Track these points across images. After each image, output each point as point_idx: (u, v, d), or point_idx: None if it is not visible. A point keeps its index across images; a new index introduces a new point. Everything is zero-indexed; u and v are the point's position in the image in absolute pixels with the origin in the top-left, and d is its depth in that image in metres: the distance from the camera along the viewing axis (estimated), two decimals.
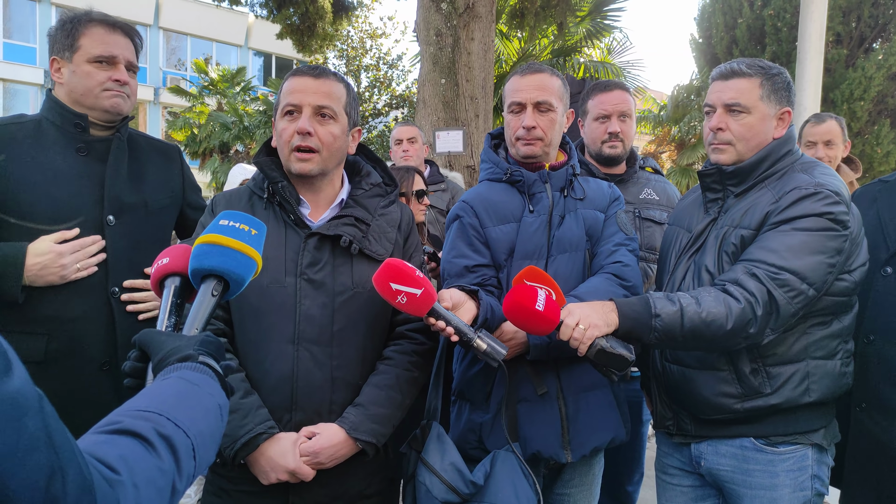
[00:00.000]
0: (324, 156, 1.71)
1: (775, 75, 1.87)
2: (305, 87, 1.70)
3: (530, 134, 2.01)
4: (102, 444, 0.74)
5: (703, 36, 15.46)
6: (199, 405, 0.92)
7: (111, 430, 0.78)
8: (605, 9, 11.39)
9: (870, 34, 13.38)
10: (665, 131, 18.19)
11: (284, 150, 1.72)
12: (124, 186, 2.01)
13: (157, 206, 2.11)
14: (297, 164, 1.70)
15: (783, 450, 1.81)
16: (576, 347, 1.66)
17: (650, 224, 2.68)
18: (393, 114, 19.18)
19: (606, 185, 2.20)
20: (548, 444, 1.94)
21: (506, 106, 2.09)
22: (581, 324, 1.63)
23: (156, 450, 0.78)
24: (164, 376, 0.96)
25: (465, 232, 2.04)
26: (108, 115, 2.00)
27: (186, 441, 0.84)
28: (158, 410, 0.84)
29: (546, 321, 1.65)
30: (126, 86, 2.01)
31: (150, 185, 2.10)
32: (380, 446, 1.71)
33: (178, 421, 0.84)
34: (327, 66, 15.76)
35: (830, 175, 1.81)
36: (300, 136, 1.68)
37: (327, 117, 1.71)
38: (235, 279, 1.19)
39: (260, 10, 9.72)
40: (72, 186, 1.93)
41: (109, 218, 1.96)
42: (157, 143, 2.26)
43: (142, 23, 25.66)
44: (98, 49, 1.96)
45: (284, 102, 1.71)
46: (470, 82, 6.15)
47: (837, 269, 1.73)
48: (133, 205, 2.02)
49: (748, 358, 1.79)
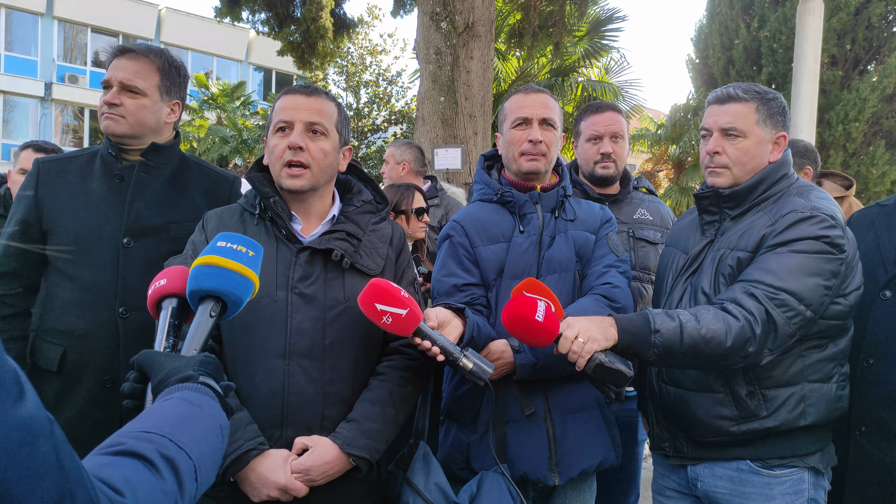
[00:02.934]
0: (315, 171, 1.73)
1: (771, 100, 1.90)
2: (297, 105, 1.73)
3: (536, 148, 2.03)
4: (107, 465, 0.75)
5: (700, 56, 15.61)
6: (200, 426, 0.92)
7: (115, 452, 0.78)
8: (602, 29, 11.50)
9: (864, 56, 13.53)
10: (662, 150, 18.31)
11: (276, 165, 1.73)
12: (146, 210, 2.07)
13: (182, 232, 2.08)
14: (289, 181, 1.71)
15: (780, 472, 1.81)
16: (574, 361, 1.65)
17: (644, 244, 2.69)
18: (392, 129, 19.27)
19: (598, 207, 2.21)
20: (535, 466, 1.93)
21: (508, 122, 2.11)
22: (580, 337, 1.63)
23: (159, 471, 0.78)
24: (165, 397, 0.96)
25: (455, 251, 2.05)
26: (115, 138, 2.09)
27: (189, 462, 0.84)
28: (161, 432, 0.84)
29: (545, 332, 1.64)
30: (116, 107, 2.04)
31: (180, 211, 2.13)
32: (373, 462, 1.69)
33: (181, 442, 0.85)
34: (327, 81, 15.79)
35: (826, 199, 1.83)
36: (291, 151, 1.70)
37: (318, 133, 1.73)
38: (233, 300, 1.20)
39: (262, 28, 9.80)
40: (99, 210, 2.04)
41: (126, 240, 2.04)
42: (211, 171, 2.30)
43: (143, 37, 25.79)
44: (105, 76, 2.08)
45: (276, 119, 1.74)
46: (469, 100, 6.20)
47: (833, 292, 1.75)
48: (154, 228, 2.08)
49: (744, 380, 1.79)
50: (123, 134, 2.08)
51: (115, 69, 2.06)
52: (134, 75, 2.07)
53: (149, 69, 2.10)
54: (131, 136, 2.09)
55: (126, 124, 2.07)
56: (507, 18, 10.31)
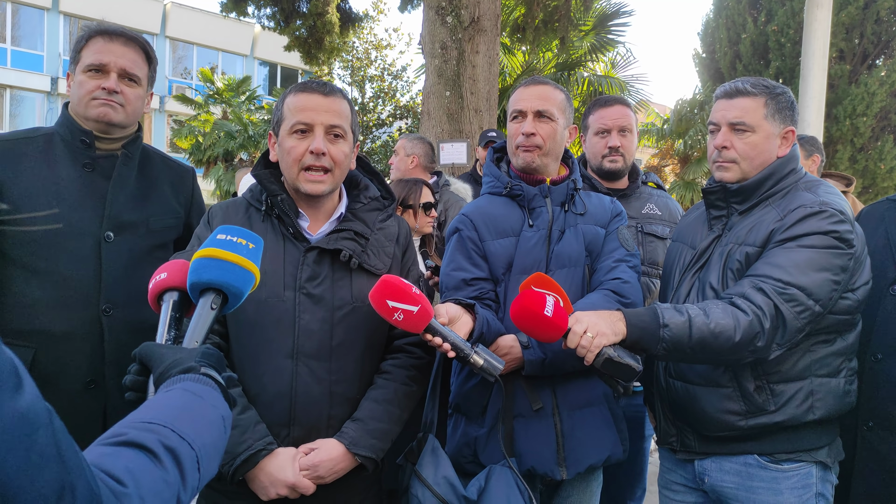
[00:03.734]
0: (336, 175, 1.71)
1: (779, 94, 1.89)
2: (317, 106, 1.68)
3: (529, 140, 2.02)
4: (108, 456, 0.75)
5: (707, 51, 15.53)
6: (203, 417, 0.92)
7: (117, 442, 0.78)
8: (609, 24, 11.46)
9: (873, 51, 13.44)
10: (668, 145, 18.25)
11: (293, 168, 1.68)
12: (127, 203, 1.98)
13: (160, 226, 2.06)
14: (310, 185, 1.67)
15: (787, 467, 1.81)
16: (583, 356, 1.65)
17: (653, 239, 2.68)
18: (397, 124, 19.26)
19: (608, 201, 2.20)
20: (542, 461, 1.93)
21: (508, 116, 2.10)
22: (589, 332, 1.63)
23: (161, 462, 0.78)
24: (167, 388, 0.96)
25: (464, 245, 2.03)
26: (99, 125, 1.95)
27: (191, 453, 0.84)
28: (163, 422, 0.84)
29: (554, 327, 1.64)
30: (116, 94, 1.94)
31: (155, 204, 2.06)
32: (379, 461, 1.70)
33: (183, 433, 0.85)
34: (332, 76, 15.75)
35: (835, 194, 1.82)
36: (313, 156, 1.65)
37: (338, 137, 1.70)
38: (234, 292, 1.20)
39: (268, 23, 9.80)
40: (74, 201, 1.90)
41: (108, 234, 1.93)
42: (173, 163, 2.23)
43: (149, 32, 25.84)
44: (91, 58, 1.93)
45: (294, 120, 1.67)
46: (474, 95, 6.19)
47: (842, 287, 1.74)
48: (134, 222, 1.99)
49: (752, 375, 1.79)
50: (119, 123, 1.97)
51: (112, 53, 1.94)
52: (133, 64, 1.98)
53: (142, 58, 2.01)
54: (122, 126, 1.99)
55: (124, 113, 1.97)
56: (513, 13, 10.28)
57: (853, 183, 3.43)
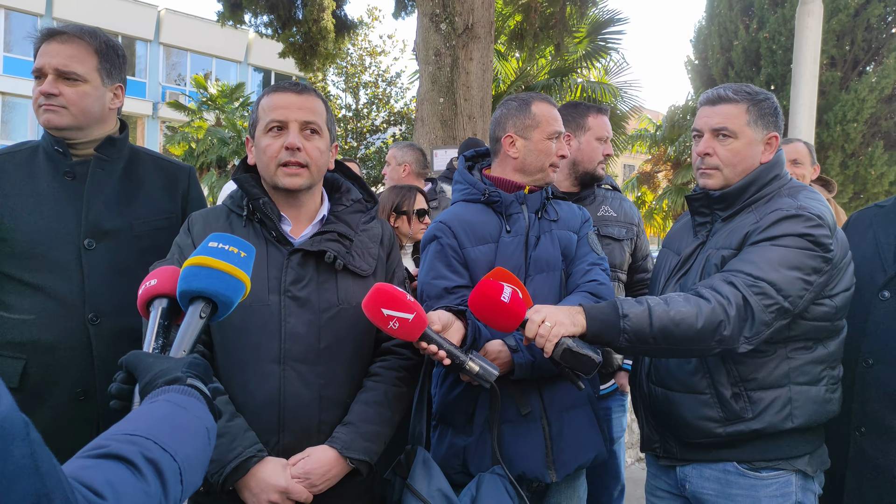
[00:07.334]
0: (312, 171, 1.70)
1: (762, 101, 1.90)
2: (290, 104, 1.68)
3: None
4: (89, 468, 0.74)
5: (699, 57, 15.61)
6: (186, 428, 0.92)
7: (97, 455, 0.78)
8: (603, 31, 11.50)
9: (863, 57, 13.54)
10: (661, 151, 18.31)
11: (270, 166, 1.68)
12: (106, 208, 1.92)
13: (146, 229, 1.99)
14: (287, 179, 1.67)
15: (766, 475, 1.80)
16: (542, 346, 1.64)
17: (609, 241, 2.69)
18: (391, 130, 19.27)
19: (577, 207, 2.25)
20: (532, 465, 1.93)
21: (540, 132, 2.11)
22: (547, 321, 1.63)
23: (142, 474, 0.78)
24: (151, 399, 0.96)
25: (444, 253, 2.03)
26: (55, 132, 1.88)
27: (174, 465, 0.84)
28: (146, 434, 0.84)
29: (511, 314, 1.64)
30: (55, 97, 1.83)
31: (141, 207, 2.00)
32: (373, 464, 1.67)
33: (166, 445, 0.84)
34: (326, 82, 15.72)
35: (815, 199, 1.82)
36: (289, 152, 1.66)
37: (313, 132, 1.70)
38: (224, 301, 1.19)
39: (265, 30, 9.80)
40: (53, 211, 1.86)
41: (88, 241, 1.87)
42: (166, 163, 2.15)
43: (142, 38, 25.84)
44: (35, 63, 1.85)
45: (268, 119, 1.68)
46: (468, 101, 6.21)
47: (815, 288, 1.73)
48: (116, 228, 1.93)
49: (729, 382, 1.79)
50: (67, 126, 1.87)
51: (47, 55, 1.83)
52: (70, 60, 1.85)
53: (85, 52, 1.88)
54: (76, 129, 1.89)
55: (69, 115, 1.86)
56: (507, 20, 10.32)
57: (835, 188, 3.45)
